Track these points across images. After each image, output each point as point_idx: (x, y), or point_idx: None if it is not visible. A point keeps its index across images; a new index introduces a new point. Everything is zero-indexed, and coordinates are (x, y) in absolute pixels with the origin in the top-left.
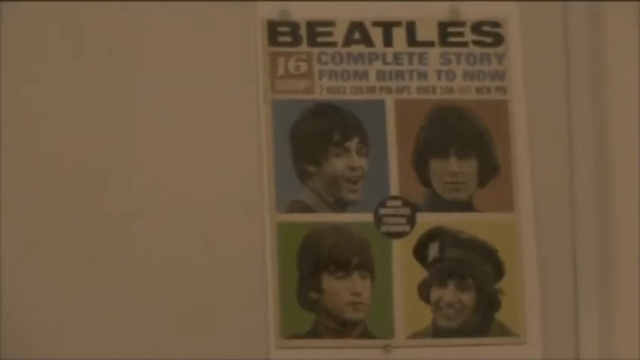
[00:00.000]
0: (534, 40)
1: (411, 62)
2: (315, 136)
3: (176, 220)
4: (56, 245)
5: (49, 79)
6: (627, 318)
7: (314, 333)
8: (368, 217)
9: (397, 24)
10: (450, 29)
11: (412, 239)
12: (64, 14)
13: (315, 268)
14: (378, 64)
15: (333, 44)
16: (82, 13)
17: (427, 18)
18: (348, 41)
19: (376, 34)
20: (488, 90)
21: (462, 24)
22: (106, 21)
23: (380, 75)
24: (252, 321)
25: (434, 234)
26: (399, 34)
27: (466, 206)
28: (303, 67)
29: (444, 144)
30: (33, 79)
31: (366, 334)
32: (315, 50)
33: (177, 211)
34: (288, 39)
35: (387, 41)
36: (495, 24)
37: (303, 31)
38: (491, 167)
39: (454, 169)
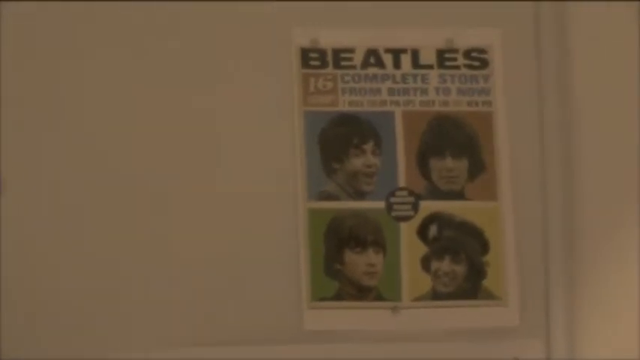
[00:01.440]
0: (513, 64)
1: (415, 81)
2: (339, 140)
3: (226, 207)
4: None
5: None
6: (588, 285)
7: (337, 297)
8: (380, 204)
9: (404, 51)
10: (446, 55)
11: (416, 222)
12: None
13: (338, 244)
14: (388, 83)
15: (353, 67)
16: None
17: (428, 46)
18: (365, 65)
19: (387, 58)
20: (477, 104)
21: (456, 51)
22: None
23: (390, 91)
24: (288, 288)
25: (433, 218)
26: (405, 59)
27: (459, 196)
28: (329, 85)
29: (441, 146)
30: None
31: (379, 298)
32: (339, 72)
33: (227, 199)
34: (317, 63)
35: (396, 64)
36: (482, 51)
37: (329, 57)
38: (479, 165)
39: (449, 166)
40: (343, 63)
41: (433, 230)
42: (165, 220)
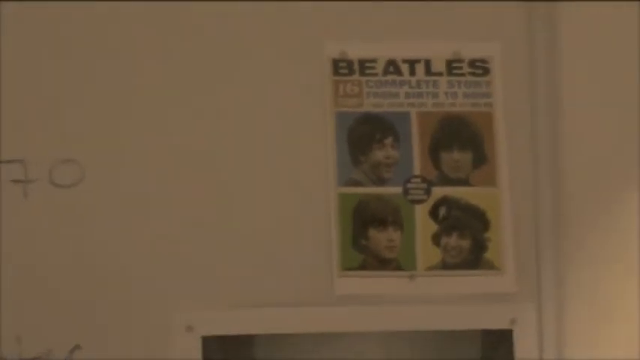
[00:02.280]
0: (509, 72)
1: (427, 87)
2: (363, 136)
3: (271, 192)
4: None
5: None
6: (574, 257)
7: (363, 267)
8: (398, 189)
9: (418, 61)
10: (454, 64)
11: (428, 204)
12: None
13: (364, 223)
14: (405, 88)
15: (375, 74)
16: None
17: (438, 57)
18: (386, 72)
19: (404, 67)
20: (480, 105)
21: (462, 61)
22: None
23: (407, 95)
24: (322, 259)
25: (442, 201)
26: (419, 68)
27: (464, 182)
28: (356, 90)
29: (450, 141)
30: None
31: (398, 267)
32: (364, 79)
33: (272, 185)
34: (345, 71)
35: (412, 72)
36: (484, 61)
37: (355, 66)
38: (481, 157)
39: (456, 158)
40: (367, 71)
41: (443, 211)
42: (220, 199)
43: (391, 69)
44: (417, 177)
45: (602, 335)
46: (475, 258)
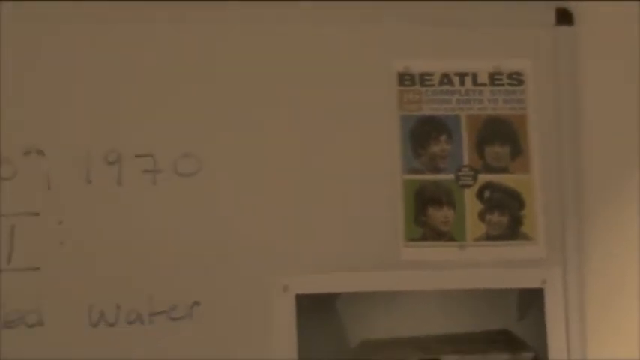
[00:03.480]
0: (539, 83)
1: (474, 95)
2: (423, 134)
3: (348, 181)
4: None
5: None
6: (594, 230)
7: (423, 238)
8: (451, 177)
9: (467, 74)
10: (495, 77)
11: (475, 188)
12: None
13: (423, 204)
14: (456, 96)
15: (432, 85)
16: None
17: (483, 70)
18: (441, 83)
19: (455, 79)
20: (516, 109)
21: (502, 74)
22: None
23: (457, 101)
24: (390, 232)
25: (486, 186)
26: (467, 80)
27: (504, 171)
28: (417, 97)
29: (492, 138)
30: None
31: (451, 239)
32: (423, 89)
33: (349, 176)
34: (409, 82)
35: (461, 83)
36: (519, 74)
37: (417, 79)
38: (517, 150)
39: (497, 151)
40: (426, 82)
41: (486, 194)
42: (313, 184)
43: (445, 80)
44: (466, 166)
45: (619, 293)
46: (513, 231)
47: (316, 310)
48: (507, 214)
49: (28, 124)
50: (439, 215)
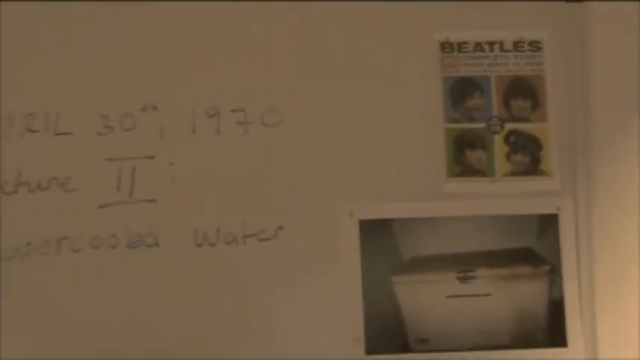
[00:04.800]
0: (555, 49)
1: (501, 59)
2: (460, 91)
3: (402, 130)
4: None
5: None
6: (600, 168)
7: (461, 174)
8: (483, 125)
9: (495, 42)
10: (519, 44)
11: (502, 134)
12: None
13: (461, 147)
14: (487, 60)
15: (467, 52)
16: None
17: (509, 39)
18: (474, 50)
19: (486, 47)
20: (536, 70)
21: (524, 42)
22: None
23: (488, 64)
24: (435, 169)
25: (512, 132)
26: (496, 47)
27: (526, 120)
28: (455, 62)
29: (516, 94)
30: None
31: (484, 175)
32: (460, 55)
33: (403, 126)
34: (449, 50)
35: (491, 50)
36: (538, 42)
37: (455, 47)
38: (537, 103)
39: (521, 104)
40: (462, 49)
41: (512, 139)
42: (373, 130)
43: (478, 48)
44: (495, 117)
45: (621, 216)
46: (533, 168)
47: (376, 233)
48: (529, 155)
49: (145, 84)
50: (474, 156)
